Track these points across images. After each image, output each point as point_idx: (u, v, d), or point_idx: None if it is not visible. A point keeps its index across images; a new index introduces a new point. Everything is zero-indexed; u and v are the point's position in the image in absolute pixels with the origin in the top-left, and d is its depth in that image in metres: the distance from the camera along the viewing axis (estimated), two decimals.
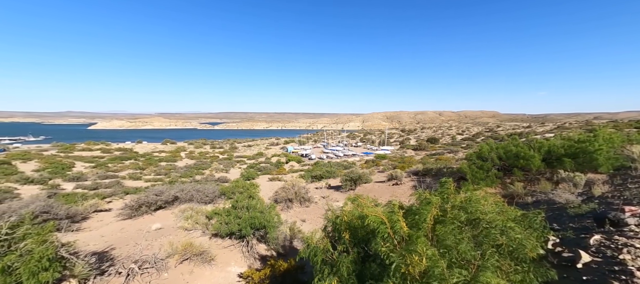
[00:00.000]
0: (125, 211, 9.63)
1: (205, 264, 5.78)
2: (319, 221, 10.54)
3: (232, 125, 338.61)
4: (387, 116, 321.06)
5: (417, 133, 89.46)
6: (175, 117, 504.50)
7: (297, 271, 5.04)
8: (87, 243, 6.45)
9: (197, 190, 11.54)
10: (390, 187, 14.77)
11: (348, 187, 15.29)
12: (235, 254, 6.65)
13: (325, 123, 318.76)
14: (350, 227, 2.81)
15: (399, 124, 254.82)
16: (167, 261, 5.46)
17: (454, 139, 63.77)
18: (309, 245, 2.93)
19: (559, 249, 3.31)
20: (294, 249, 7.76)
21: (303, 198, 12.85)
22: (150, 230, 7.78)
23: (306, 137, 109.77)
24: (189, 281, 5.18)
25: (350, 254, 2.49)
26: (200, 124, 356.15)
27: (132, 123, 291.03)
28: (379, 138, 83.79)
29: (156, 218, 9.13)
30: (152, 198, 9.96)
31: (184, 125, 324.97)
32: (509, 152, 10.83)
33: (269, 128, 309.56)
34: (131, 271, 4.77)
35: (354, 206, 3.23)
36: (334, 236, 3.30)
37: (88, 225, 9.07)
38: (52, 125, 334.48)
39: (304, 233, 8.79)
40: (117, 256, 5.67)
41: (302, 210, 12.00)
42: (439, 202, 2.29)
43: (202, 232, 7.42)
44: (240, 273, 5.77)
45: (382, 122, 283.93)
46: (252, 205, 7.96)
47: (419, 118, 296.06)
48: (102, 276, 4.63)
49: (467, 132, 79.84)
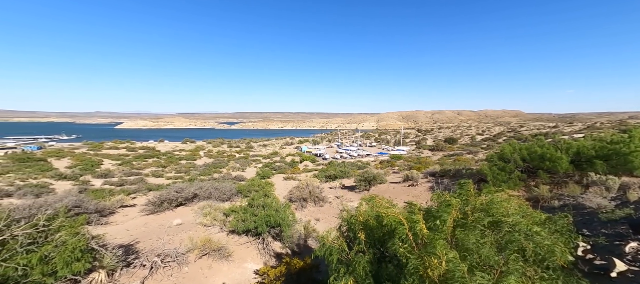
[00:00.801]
0: (148, 206, 10.09)
1: (223, 260, 5.95)
2: (333, 220, 10.53)
3: (248, 124, 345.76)
4: (403, 115, 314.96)
5: (434, 133, 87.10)
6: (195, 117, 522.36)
7: (312, 270, 5.07)
8: (114, 237, 6.84)
9: (215, 187, 11.89)
10: (405, 188, 14.50)
11: (362, 187, 15.16)
12: (252, 251, 6.79)
13: (339, 123, 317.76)
14: (366, 227, 2.80)
15: (414, 124, 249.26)
16: (188, 256, 5.68)
17: (474, 139, 61.50)
18: (324, 244, 2.95)
19: (590, 256, 3.12)
20: (309, 248, 7.81)
21: (317, 197, 12.89)
22: (171, 225, 8.11)
23: (320, 137, 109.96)
24: (207, 276, 5.36)
25: (366, 255, 2.48)
26: (218, 124, 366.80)
27: (155, 123, 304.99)
28: (394, 138, 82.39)
29: (177, 214, 9.51)
30: (173, 195, 10.38)
31: (203, 124, 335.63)
32: (533, 153, 10.30)
33: (283, 127, 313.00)
34: (154, 264, 5.01)
35: (369, 207, 3.21)
36: (349, 236, 3.30)
37: (115, 219, 9.60)
38: (82, 124, 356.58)
39: (318, 232, 8.82)
40: (141, 250, 5.96)
41: (316, 209, 12.04)
42: (458, 204, 2.22)
43: (220, 229, 7.64)
44: (256, 269, 5.89)
45: (397, 121, 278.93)
46: (268, 203, 8.10)
47: (436, 117, 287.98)
48: (128, 268, 4.89)
49: (487, 132, 76.74)
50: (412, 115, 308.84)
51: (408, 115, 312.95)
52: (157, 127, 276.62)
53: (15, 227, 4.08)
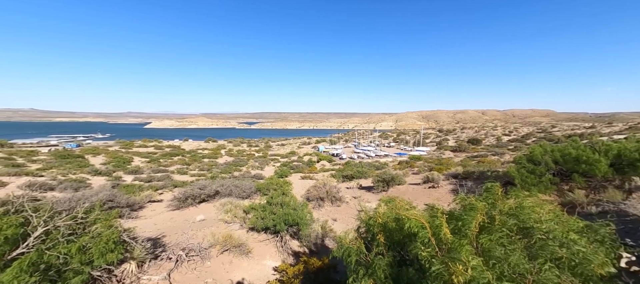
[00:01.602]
0: (173, 202, 10.61)
1: (243, 256, 6.12)
2: (351, 221, 10.47)
3: (267, 124, 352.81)
4: (423, 115, 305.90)
5: (456, 134, 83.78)
6: (217, 116, 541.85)
7: (330, 270, 5.08)
8: (143, 230, 7.25)
9: (235, 185, 12.26)
10: (425, 190, 14.08)
11: (380, 188, 14.93)
12: (270, 249, 6.92)
13: (356, 123, 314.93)
14: (385, 229, 2.75)
15: (435, 124, 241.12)
16: (210, 251, 5.90)
17: (500, 140, 58.43)
18: (342, 245, 2.94)
19: (636, 268, 2.85)
20: (326, 248, 7.82)
21: (334, 197, 12.88)
22: (195, 220, 8.47)
23: (337, 137, 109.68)
24: (229, 271, 5.54)
25: (386, 257, 2.44)
26: (238, 123, 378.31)
27: (180, 122, 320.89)
28: (414, 139, 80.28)
29: (200, 210, 9.90)
30: (196, 192, 10.83)
31: (224, 124, 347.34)
32: (567, 155, 9.59)
33: (301, 127, 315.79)
34: (180, 258, 5.26)
35: (388, 208, 3.16)
36: (367, 238, 3.26)
37: (143, 213, 10.19)
38: (115, 124, 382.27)
39: (335, 232, 8.81)
40: (167, 243, 6.28)
41: (333, 209, 12.02)
42: (485, 208, 2.12)
43: (240, 225, 7.86)
44: (275, 266, 6.00)
45: (417, 121, 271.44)
46: (286, 202, 8.21)
47: (458, 117, 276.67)
48: (155, 260, 5.18)
49: (514, 132, 72.54)
50: (433, 115, 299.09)
51: (428, 115, 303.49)
52: (182, 127, 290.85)
53: (57, 218, 4.46)
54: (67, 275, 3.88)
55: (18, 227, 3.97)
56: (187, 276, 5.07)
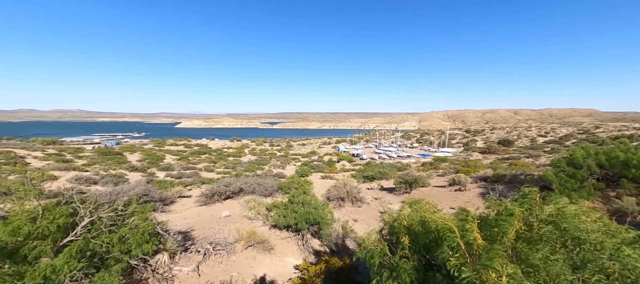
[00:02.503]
0: (201, 198, 11.15)
1: (266, 253, 6.28)
2: (372, 222, 10.32)
3: (288, 124, 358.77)
4: (449, 115, 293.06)
5: (485, 134, 79.28)
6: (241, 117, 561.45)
7: (351, 271, 5.05)
8: (174, 224, 7.71)
9: (258, 183, 12.60)
10: (451, 193, 13.49)
11: (402, 190, 14.54)
12: (292, 246, 7.03)
13: (377, 123, 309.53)
14: (409, 232, 2.68)
15: (462, 124, 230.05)
16: (235, 246, 6.13)
17: (534, 142, 54.40)
18: (365, 246, 2.91)
19: None
20: (346, 248, 7.79)
21: (355, 197, 12.77)
22: (220, 216, 8.84)
23: (358, 137, 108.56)
24: (252, 266, 5.72)
25: (411, 261, 2.38)
26: (261, 123, 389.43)
27: (207, 122, 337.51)
28: (439, 139, 77.19)
29: (225, 207, 10.32)
30: (222, 189, 11.29)
31: (248, 124, 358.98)
32: (613, 159, 8.70)
33: (321, 127, 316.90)
34: (207, 251, 5.53)
35: (412, 210, 3.08)
36: (391, 240, 3.21)
37: (174, 207, 10.83)
38: (149, 123, 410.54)
39: (356, 232, 8.75)
40: (196, 237, 6.63)
41: (354, 210, 11.92)
42: (521, 214, 1.98)
43: (263, 222, 8.08)
44: (297, 264, 6.08)
45: (442, 121, 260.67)
46: (307, 201, 8.30)
47: (487, 117, 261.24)
48: (185, 253, 5.49)
49: (551, 133, 67.09)
50: (460, 115, 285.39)
51: (455, 115, 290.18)
52: (209, 126, 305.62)
53: (101, 210, 4.88)
54: (109, 262, 4.23)
55: (68, 217, 4.40)
56: (214, 269, 5.32)
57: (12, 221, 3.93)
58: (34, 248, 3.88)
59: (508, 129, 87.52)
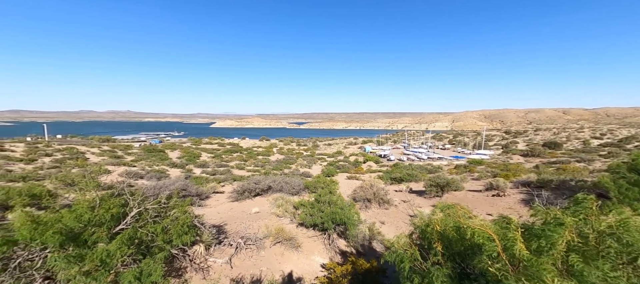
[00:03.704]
0: (233, 194, 11.73)
1: (293, 250, 6.42)
2: (400, 225, 10.03)
3: (314, 124, 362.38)
4: (486, 115, 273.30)
5: (528, 136, 72.59)
6: (270, 117, 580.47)
7: (379, 274, 4.96)
8: (209, 218, 8.20)
9: (286, 182, 12.90)
10: (488, 198, 12.59)
11: (433, 193, 13.90)
12: (318, 245, 7.10)
13: (406, 123, 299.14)
14: (443, 238, 2.56)
15: (501, 124, 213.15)
16: (264, 241, 6.36)
17: (587, 144, 48.60)
18: (395, 250, 2.85)
19: None
20: (373, 250, 7.67)
21: (382, 199, 12.49)
22: (250, 212, 9.21)
23: (385, 137, 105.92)
24: (280, 262, 5.88)
25: (444, 268, 2.27)
26: (288, 123, 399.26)
27: (239, 122, 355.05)
28: (474, 141, 72.40)
29: (255, 203, 10.73)
30: (252, 186, 11.76)
31: (276, 124, 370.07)
32: None
33: (347, 128, 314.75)
34: (239, 245, 5.81)
35: (445, 215, 2.94)
36: (422, 245, 3.09)
37: (209, 202, 11.52)
38: (188, 123, 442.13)
39: (383, 235, 8.57)
40: (228, 231, 6.99)
41: (381, 212, 11.68)
42: (574, 224, 1.78)
43: (290, 220, 8.26)
44: (323, 263, 6.13)
45: (477, 121, 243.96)
46: (333, 200, 8.31)
47: (531, 117, 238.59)
48: (219, 245, 5.82)
49: (609, 135, 59.34)
50: (498, 114, 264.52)
51: (492, 114, 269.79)
52: (240, 126, 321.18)
53: (147, 203, 5.36)
54: (154, 250, 4.64)
55: (120, 207, 4.90)
56: (245, 262, 5.57)
57: (75, 209, 4.49)
58: (93, 233, 4.38)
59: (555, 130, 79.16)
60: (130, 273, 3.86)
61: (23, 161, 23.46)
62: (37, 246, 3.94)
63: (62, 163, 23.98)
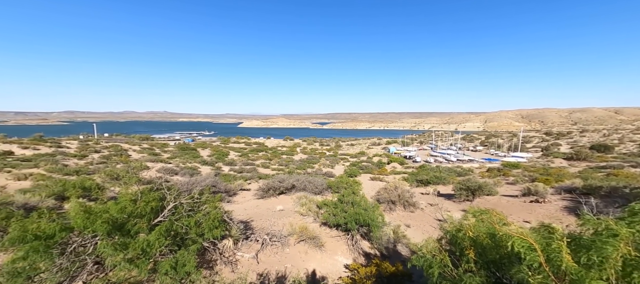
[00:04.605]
0: (258, 192, 12.11)
1: (317, 249, 6.48)
2: (427, 229, 9.68)
3: (337, 124, 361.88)
4: (523, 114, 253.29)
5: (573, 138, 66.10)
6: (294, 117, 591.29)
7: (405, 278, 4.83)
8: (237, 214, 8.55)
9: (309, 181, 13.04)
10: (525, 204, 11.70)
11: (463, 197, 13.21)
12: (341, 245, 7.09)
13: (433, 123, 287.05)
14: (475, 244, 2.43)
15: (540, 125, 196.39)
16: (288, 239, 6.49)
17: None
18: (423, 255, 2.76)
19: None
20: (398, 253, 7.48)
21: (407, 202, 12.13)
22: (275, 210, 9.46)
23: (410, 138, 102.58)
24: (304, 260, 5.97)
25: (477, 276, 2.16)
26: (312, 124, 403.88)
27: (264, 122, 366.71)
28: (509, 142, 67.53)
29: (279, 201, 10.99)
30: (276, 184, 12.06)
31: (300, 124, 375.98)
32: None
33: (371, 128, 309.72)
34: (265, 241, 6.00)
35: (478, 221, 2.79)
36: (451, 251, 2.96)
37: (236, 199, 12.01)
38: (217, 123, 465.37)
39: (408, 238, 8.33)
40: (254, 227, 7.24)
41: (406, 215, 11.35)
42: (630, 237, 1.59)
43: (313, 219, 8.34)
44: (347, 264, 6.11)
45: (513, 122, 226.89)
46: (357, 201, 8.24)
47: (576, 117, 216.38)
48: (246, 241, 6.05)
49: None
50: (537, 114, 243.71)
51: (531, 114, 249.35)
52: (265, 126, 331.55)
53: (181, 197, 5.73)
54: (187, 242, 4.95)
55: (158, 201, 5.29)
56: (270, 258, 5.74)
57: (120, 201, 4.93)
58: (135, 224, 4.78)
59: (605, 132, 71.12)
60: (167, 263, 4.15)
61: (76, 157, 26.24)
62: (88, 233, 4.38)
63: (109, 159, 26.46)
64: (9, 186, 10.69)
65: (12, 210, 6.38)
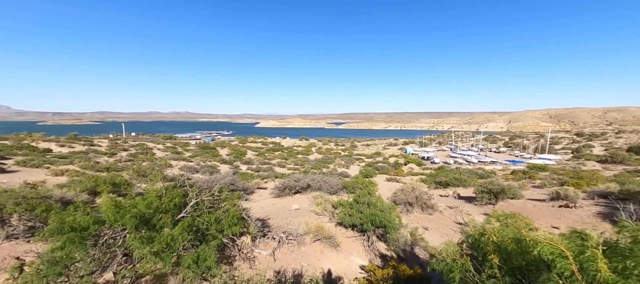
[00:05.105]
0: (275, 191, 12.30)
1: (332, 249, 6.48)
2: (446, 232, 9.39)
3: (353, 124, 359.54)
4: (551, 114, 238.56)
5: (607, 139, 61.39)
6: (309, 117, 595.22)
7: (423, 282, 4.73)
8: (254, 212, 8.74)
9: (324, 181, 13.06)
10: (554, 209, 11.04)
11: (485, 200, 12.68)
12: (357, 246, 7.05)
13: (453, 124, 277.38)
14: (500, 250, 2.34)
15: (571, 125, 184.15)
16: (304, 238, 6.55)
17: None
18: (443, 258, 2.69)
19: None
20: (415, 256, 7.33)
21: (425, 204, 11.83)
22: (291, 208, 9.56)
23: (428, 139, 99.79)
24: (320, 259, 6.00)
25: (502, 283, 2.07)
26: (327, 124, 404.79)
27: (281, 122, 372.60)
28: (536, 144, 63.91)
29: (295, 200, 11.10)
30: (292, 184, 12.19)
31: (315, 124, 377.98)
32: None
33: (387, 128, 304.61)
34: (281, 239, 6.09)
35: (503, 225, 2.67)
36: (473, 255, 2.86)
37: (253, 197, 12.28)
38: (235, 123, 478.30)
39: (426, 241, 8.14)
40: (271, 225, 7.37)
41: (424, 217, 11.07)
42: None
43: (329, 218, 8.35)
44: (362, 265, 6.07)
45: (540, 122, 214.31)
46: (373, 202, 8.15)
47: (611, 117, 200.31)
48: (263, 238, 6.17)
49: None
50: (568, 114, 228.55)
51: (560, 114, 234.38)
52: (281, 126, 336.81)
53: (203, 195, 5.94)
54: (208, 238, 5.13)
55: (181, 198, 5.53)
56: (287, 256, 5.82)
57: (146, 197, 5.19)
58: (160, 219, 5.02)
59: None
60: (189, 257, 4.33)
61: (107, 155, 27.97)
62: (118, 226, 4.66)
63: (135, 157, 27.96)
64: (48, 181, 11.59)
65: (51, 203, 6.91)
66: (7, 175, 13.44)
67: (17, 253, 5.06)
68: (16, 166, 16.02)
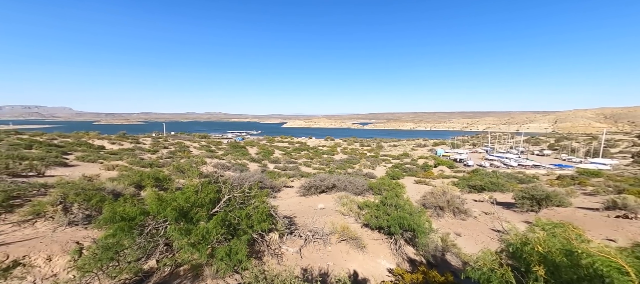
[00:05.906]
0: (301, 190, 12.50)
1: (358, 250, 6.43)
2: (482, 239, 8.82)
3: (379, 125, 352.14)
4: (606, 114, 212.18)
5: None
6: (335, 117, 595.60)
7: None
8: (281, 209, 8.97)
9: (349, 181, 12.99)
10: (609, 220, 9.85)
11: (526, 207, 11.68)
12: (384, 249, 6.90)
13: (489, 124, 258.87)
14: (546, 261, 2.15)
15: (630, 127, 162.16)
16: (330, 237, 6.57)
17: None
18: (479, 267, 2.54)
19: None
20: (447, 263, 6.98)
21: (457, 208, 11.21)
22: (316, 207, 9.65)
23: (461, 140, 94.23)
24: (346, 260, 5.98)
25: None
26: (353, 124, 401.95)
27: (307, 123, 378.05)
28: (587, 147, 57.31)
29: (320, 199, 11.18)
30: (318, 183, 12.29)
31: (340, 124, 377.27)
32: None
33: (415, 128, 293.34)
34: (307, 237, 6.18)
35: (549, 235, 2.45)
36: (514, 266, 2.66)
37: (280, 195, 12.59)
38: (263, 123, 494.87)
39: (459, 248, 7.71)
40: (297, 223, 7.51)
41: (457, 223, 10.50)
42: None
43: (354, 219, 8.29)
44: (390, 268, 5.93)
45: (593, 122, 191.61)
46: (401, 204, 7.92)
47: None
48: (290, 236, 6.32)
49: None
50: (627, 114, 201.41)
51: (617, 113, 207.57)
52: (307, 126, 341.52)
53: (234, 191, 6.24)
54: (239, 233, 5.38)
55: (215, 193, 5.86)
56: (313, 255, 5.89)
57: (185, 192, 5.58)
58: (196, 213, 5.37)
59: None
60: (222, 250, 4.58)
61: (150, 152, 30.57)
62: (161, 218, 5.07)
63: (174, 155, 30.20)
64: (102, 175, 12.98)
65: (104, 195, 7.74)
66: (69, 169, 15.28)
67: (77, 238, 5.73)
68: (76, 161, 18.15)
